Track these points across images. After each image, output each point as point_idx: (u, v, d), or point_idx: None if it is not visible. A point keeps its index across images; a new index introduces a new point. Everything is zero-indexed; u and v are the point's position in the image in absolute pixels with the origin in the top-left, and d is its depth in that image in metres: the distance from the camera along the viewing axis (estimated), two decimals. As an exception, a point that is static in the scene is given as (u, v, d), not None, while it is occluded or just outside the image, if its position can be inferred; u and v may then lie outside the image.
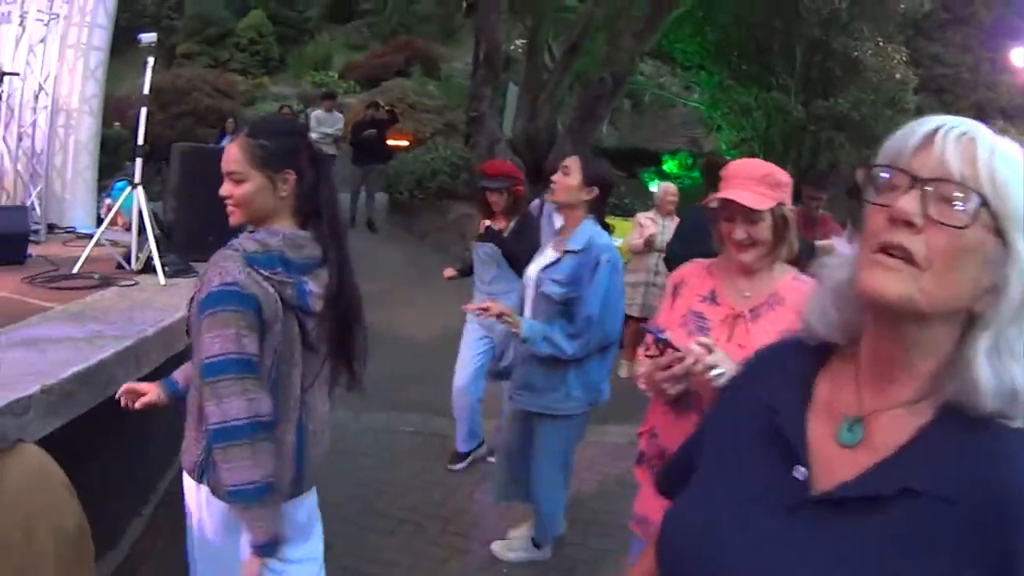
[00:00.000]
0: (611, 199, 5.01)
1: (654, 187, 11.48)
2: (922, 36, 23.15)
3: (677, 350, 2.57)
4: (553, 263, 4.43)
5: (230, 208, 2.75)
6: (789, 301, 2.77)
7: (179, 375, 3.13)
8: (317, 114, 15.91)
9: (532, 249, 5.34)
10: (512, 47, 20.11)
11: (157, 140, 13.36)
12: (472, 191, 12.32)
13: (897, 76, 17.52)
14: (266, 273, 2.58)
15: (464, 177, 15.16)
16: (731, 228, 2.81)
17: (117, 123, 19.16)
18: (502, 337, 5.26)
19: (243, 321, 2.51)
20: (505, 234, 5.89)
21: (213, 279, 2.55)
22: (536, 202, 8.12)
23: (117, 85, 15.53)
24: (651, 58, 20.63)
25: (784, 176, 2.84)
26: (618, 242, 5.72)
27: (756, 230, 2.77)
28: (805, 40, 16.92)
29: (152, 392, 3.06)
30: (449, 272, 6.40)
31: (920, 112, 21.55)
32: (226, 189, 2.73)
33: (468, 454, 6.37)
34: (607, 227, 4.51)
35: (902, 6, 18.22)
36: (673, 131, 24.29)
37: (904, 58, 17.93)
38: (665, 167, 19.97)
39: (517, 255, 5.72)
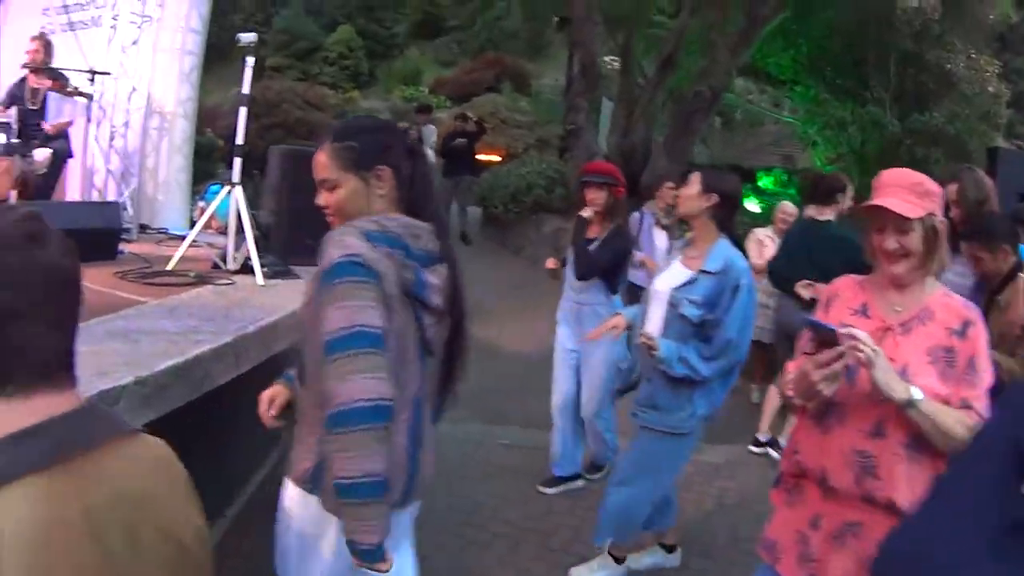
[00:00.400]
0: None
1: (751, 204, 11.23)
2: (1009, 50, 22.46)
3: (837, 344, 2.47)
4: (689, 283, 4.27)
5: (329, 218, 2.62)
6: (939, 317, 2.66)
7: (295, 371, 2.87)
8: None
9: (621, 261, 5.36)
10: (604, 63, 19.90)
11: (250, 149, 13.45)
12: (567, 205, 12.15)
13: (990, 89, 17.13)
14: (385, 248, 2.40)
15: (559, 191, 15.00)
16: (881, 239, 2.69)
17: (208, 130, 19.35)
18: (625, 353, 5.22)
19: (369, 292, 2.32)
20: (598, 242, 5.69)
21: (334, 253, 2.36)
22: (635, 215, 7.94)
23: (207, 96, 15.71)
24: (741, 75, 20.34)
25: (934, 186, 2.71)
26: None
27: (907, 240, 2.64)
28: (899, 53, 16.59)
29: (282, 393, 2.85)
30: (552, 263, 6.21)
31: (1012, 128, 20.95)
32: (322, 199, 2.60)
33: (562, 480, 6.09)
34: (741, 247, 4.38)
35: (991, 17, 17.76)
36: (764, 148, 23.87)
37: (996, 71, 17.49)
38: (761, 184, 19.60)
39: (604, 266, 5.65)
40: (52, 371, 1.33)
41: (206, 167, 15.67)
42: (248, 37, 5.96)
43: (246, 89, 5.98)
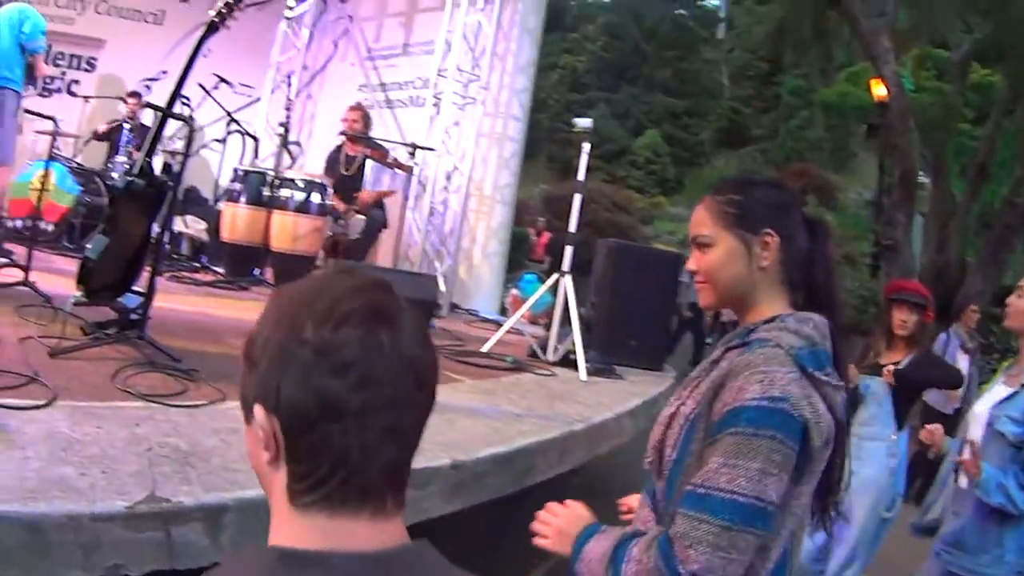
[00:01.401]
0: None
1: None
2: None
3: None
4: (1008, 398, 3.83)
5: (697, 285, 2.14)
6: None
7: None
8: None
9: (930, 385, 4.94)
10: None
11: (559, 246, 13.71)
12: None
13: None
14: (820, 376, 1.89)
15: (871, 311, 14.28)
16: None
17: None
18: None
19: (778, 456, 1.77)
20: (904, 365, 5.11)
21: (750, 387, 1.83)
22: (941, 337, 7.36)
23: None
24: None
25: None
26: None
27: None
28: None
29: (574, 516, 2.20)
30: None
31: None
32: (693, 261, 2.13)
33: None
34: None
35: None
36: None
37: None
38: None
39: (915, 386, 5.16)
40: (374, 491, 1.04)
41: (516, 257, 15.93)
42: (584, 122, 5.99)
43: (581, 176, 5.93)
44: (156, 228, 4.57)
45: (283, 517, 1.05)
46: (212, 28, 4.60)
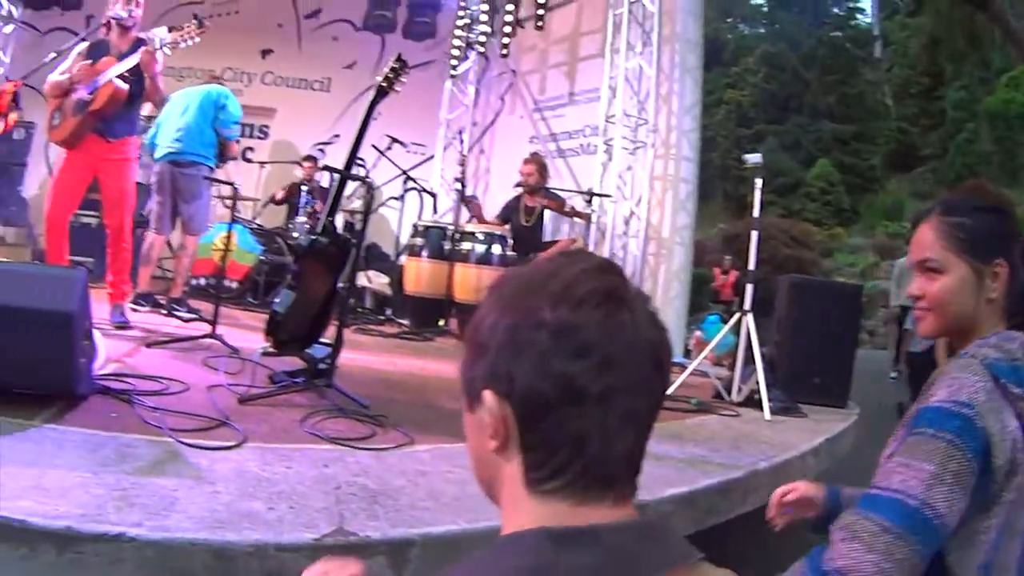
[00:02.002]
0: None
1: None
2: None
3: None
4: None
5: (918, 313, 2.01)
6: None
7: (848, 492, 2.19)
8: (900, 262, 15.13)
9: None
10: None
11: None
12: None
13: None
14: (1015, 390, 1.79)
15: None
16: None
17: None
18: None
19: (953, 464, 1.68)
20: None
21: (939, 391, 1.79)
22: None
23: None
24: None
25: None
26: None
27: None
28: None
29: (808, 488, 2.24)
30: None
31: None
32: (918, 286, 1.99)
33: None
34: None
35: None
36: None
37: None
38: None
39: None
40: (615, 478, 1.01)
41: (698, 299, 15.82)
42: (754, 158, 5.97)
43: (756, 212, 5.90)
44: (341, 283, 4.78)
45: (519, 505, 1.03)
46: (381, 93, 4.80)
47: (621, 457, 1.00)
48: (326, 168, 6.62)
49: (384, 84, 4.77)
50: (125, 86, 5.87)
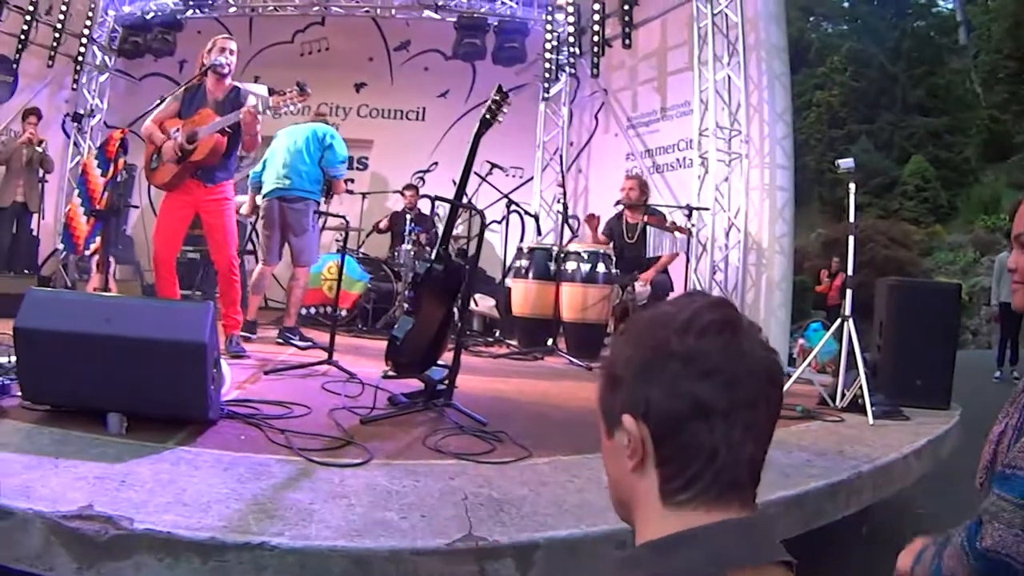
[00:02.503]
0: None
1: None
2: None
3: None
4: None
5: (1014, 285, 1.98)
6: None
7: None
8: (1001, 257, 14.78)
9: None
10: None
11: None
12: None
13: None
14: None
15: None
16: None
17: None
18: None
19: None
20: None
21: None
22: None
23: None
24: None
25: None
26: None
27: None
28: None
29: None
30: None
31: None
32: (1012, 259, 1.96)
33: None
34: None
35: None
36: None
37: None
38: None
39: None
40: (741, 484, 1.15)
41: (801, 306, 15.65)
42: (846, 163, 5.99)
43: (851, 217, 5.93)
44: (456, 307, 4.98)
45: (654, 517, 1.17)
46: (485, 124, 4.90)
47: (745, 465, 1.14)
48: (437, 199, 6.83)
49: (488, 116, 4.89)
50: (224, 139, 6.14)
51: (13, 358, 4.73)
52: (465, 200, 5.64)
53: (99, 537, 2.44)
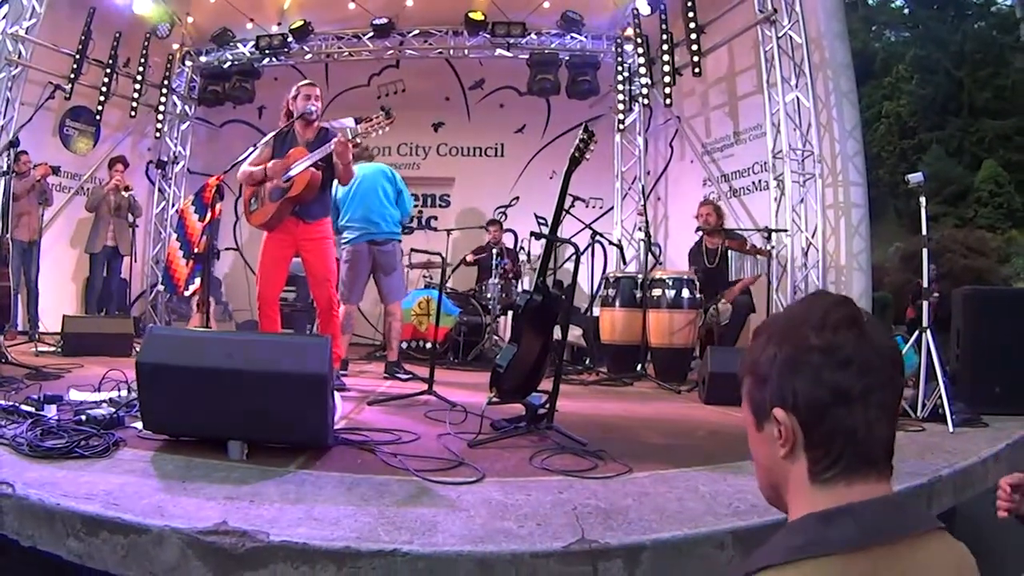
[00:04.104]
0: None
1: None
2: None
3: None
4: None
5: None
6: None
7: None
8: None
9: None
10: None
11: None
12: None
13: None
14: None
15: None
16: None
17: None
18: None
19: None
20: None
21: None
22: None
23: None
24: None
25: None
26: None
27: None
28: None
29: None
30: None
31: None
32: None
33: None
34: None
35: None
36: None
37: None
38: None
39: None
40: (878, 459, 1.32)
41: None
42: (916, 177, 6.03)
43: (924, 230, 6.03)
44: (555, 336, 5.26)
45: (803, 496, 1.33)
46: (574, 163, 5.12)
47: (880, 441, 1.32)
48: (535, 235, 7.13)
49: (576, 154, 5.09)
50: (319, 173, 6.38)
51: (124, 392, 5.18)
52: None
53: (236, 549, 2.69)
